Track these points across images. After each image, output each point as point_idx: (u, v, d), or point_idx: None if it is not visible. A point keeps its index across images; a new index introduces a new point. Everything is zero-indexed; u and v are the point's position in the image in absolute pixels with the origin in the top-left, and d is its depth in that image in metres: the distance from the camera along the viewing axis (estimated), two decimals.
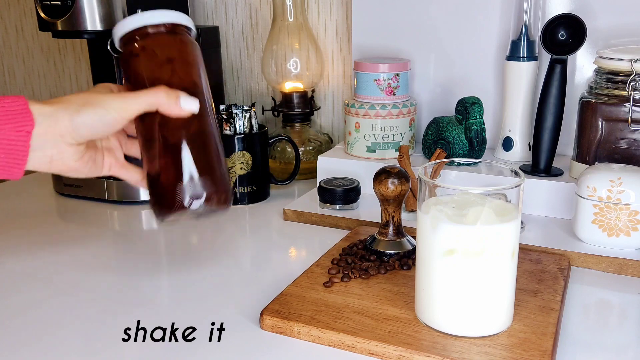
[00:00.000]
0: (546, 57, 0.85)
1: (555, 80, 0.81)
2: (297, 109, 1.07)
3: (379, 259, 0.69)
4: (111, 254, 0.80)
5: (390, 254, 0.70)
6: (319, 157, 0.96)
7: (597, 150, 0.81)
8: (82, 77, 1.40)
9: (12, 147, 0.50)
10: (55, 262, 0.76)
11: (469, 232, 0.52)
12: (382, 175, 0.68)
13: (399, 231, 0.71)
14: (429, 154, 0.93)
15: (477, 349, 0.52)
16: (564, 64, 0.81)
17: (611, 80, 0.79)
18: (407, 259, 0.69)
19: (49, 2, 0.91)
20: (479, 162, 0.68)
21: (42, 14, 0.92)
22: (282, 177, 1.00)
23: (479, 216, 0.52)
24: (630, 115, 0.77)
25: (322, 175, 0.95)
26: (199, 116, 0.55)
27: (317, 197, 0.89)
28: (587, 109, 0.80)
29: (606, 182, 0.70)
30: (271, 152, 1.06)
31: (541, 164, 0.84)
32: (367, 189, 0.88)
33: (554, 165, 0.85)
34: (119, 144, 0.61)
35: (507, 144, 0.91)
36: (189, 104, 0.54)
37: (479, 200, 0.54)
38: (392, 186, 0.68)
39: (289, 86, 1.07)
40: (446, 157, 0.84)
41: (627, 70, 0.76)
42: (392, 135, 0.94)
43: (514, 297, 0.56)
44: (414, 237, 0.65)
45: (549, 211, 0.83)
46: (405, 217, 0.81)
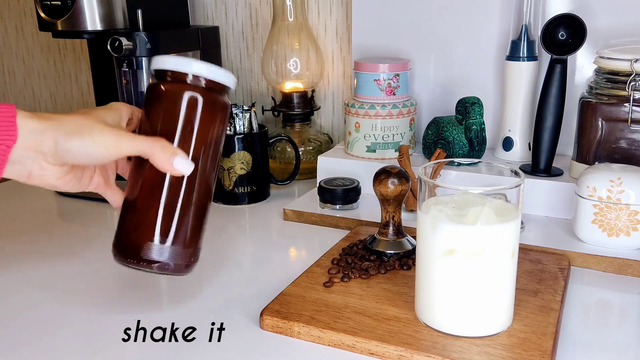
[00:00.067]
0: (546, 57, 0.85)
1: (555, 80, 0.81)
2: (297, 109, 1.07)
3: (379, 259, 0.69)
4: (111, 254, 0.80)
5: (390, 254, 0.70)
6: (319, 157, 0.96)
7: (597, 150, 0.81)
8: (82, 77, 1.40)
9: None
10: (55, 263, 0.76)
11: (469, 232, 0.52)
12: (382, 175, 0.68)
13: (399, 231, 0.71)
14: (429, 154, 0.93)
15: (477, 349, 0.52)
16: (564, 64, 0.81)
17: (611, 80, 0.79)
18: (407, 259, 0.69)
19: (49, 2, 0.91)
20: (479, 162, 0.68)
21: (42, 14, 0.92)
22: (282, 177, 1.00)
23: (479, 216, 0.52)
24: (630, 115, 0.77)
25: (322, 175, 0.95)
26: (189, 180, 0.53)
27: (317, 197, 0.89)
28: (587, 109, 0.80)
29: (606, 182, 0.70)
30: (271, 152, 1.06)
31: (541, 164, 0.84)
32: (367, 189, 0.88)
33: (554, 165, 0.85)
34: (115, 164, 0.59)
35: (507, 144, 0.91)
36: (182, 166, 0.52)
37: (479, 200, 0.54)
38: (392, 186, 0.68)
39: (289, 86, 1.07)
40: (446, 157, 0.84)
41: (627, 70, 0.76)
42: (392, 135, 0.94)
43: (514, 297, 0.56)
44: (414, 237, 0.65)
45: (549, 211, 0.83)
46: (405, 217, 0.81)
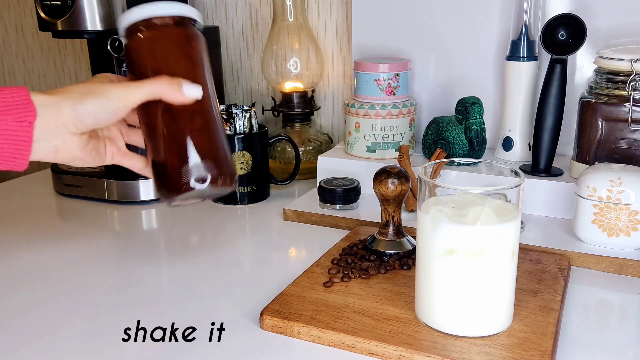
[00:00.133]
0: (546, 57, 0.85)
1: (555, 80, 0.81)
2: (297, 109, 1.07)
3: (379, 259, 0.69)
4: (111, 254, 0.80)
5: (390, 254, 0.70)
6: (319, 157, 0.96)
7: (597, 150, 0.81)
8: (82, 77, 1.40)
9: (15, 138, 0.50)
10: (55, 262, 0.76)
11: (469, 232, 0.52)
12: (382, 175, 0.68)
13: (399, 231, 0.71)
14: (429, 154, 0.93)
15: (477, 349, 0.52)
16: (564, 64, 0.81)
17: (611, 80, 0.79)
18: (407, 259, 0.69)
19: (49, 2, 0.91)
20: (479, 162, 0.68)
21: (42, 14, 0.92)
22: (282, 177, 1.00)
23: (479, 216, 0.52)
24: (630, 115, 0.77)
25: (322, 175, 0.95)
26: (201, 102, 0.56)
27: (317, 197, 0.89)
28: (587, 109, 0.80)
29: (606, 182, 0.70)
30: (271, 152, 1.06)
31: (541, 164, 0.84)
32: (367, 189, 0.88)
33: (554, 165, 0.85)
34: (120, 133, 0.62)
35: (507, 144, 0.91)
36: (192, 91, 0.55)
37: (479, 200, 0.54)
38: (392, 186, 0.68)
39: (289, 86, 1.07)
40: (446, 157, 0.84)
41: (627, 70, 0.76)
42: (392, 135, 0.94)
43: (514, 297, 0.56)
44: (414, 237, 0.65)
45: (549, 211, 0.83)
46: (405, 217, 0.81)
